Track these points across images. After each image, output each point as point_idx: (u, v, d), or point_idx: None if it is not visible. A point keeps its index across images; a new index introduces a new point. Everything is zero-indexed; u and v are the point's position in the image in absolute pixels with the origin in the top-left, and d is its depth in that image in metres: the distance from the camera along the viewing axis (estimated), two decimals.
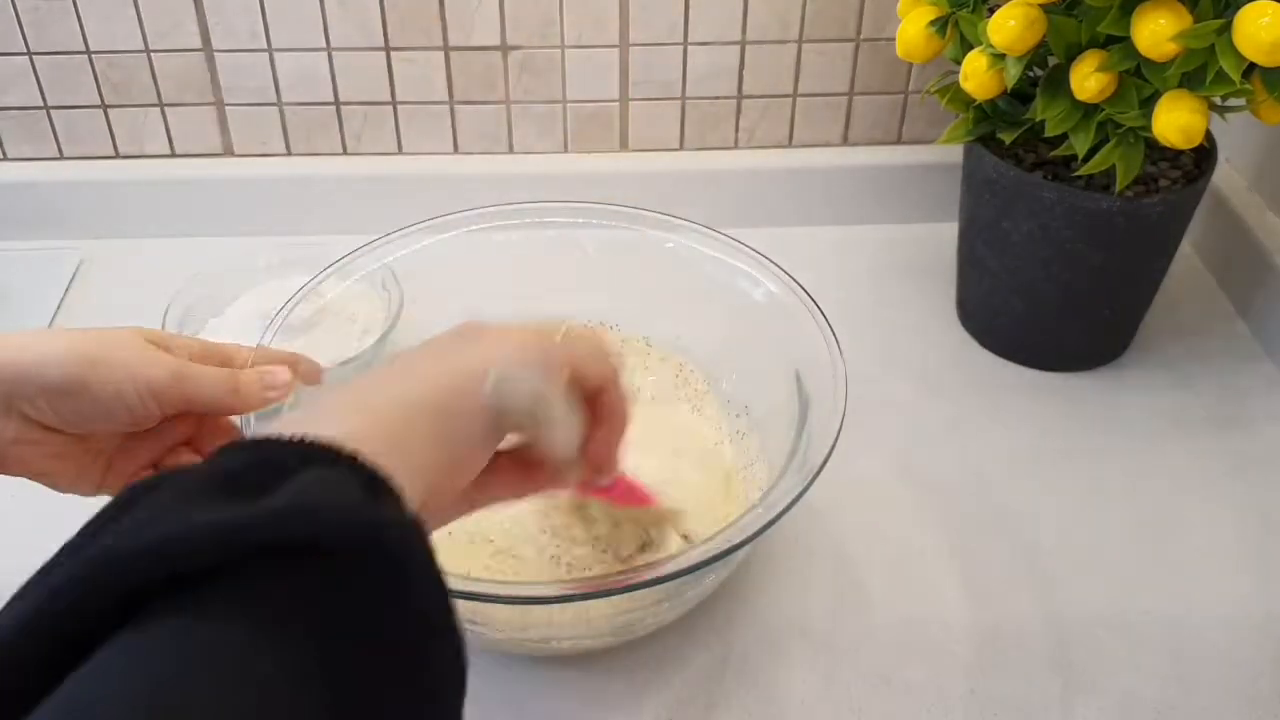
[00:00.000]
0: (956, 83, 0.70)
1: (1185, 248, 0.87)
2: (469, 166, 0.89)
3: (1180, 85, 0.62)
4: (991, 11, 0.66)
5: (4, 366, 0.44)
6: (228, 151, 0.89)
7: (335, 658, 0.28)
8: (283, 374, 0.52)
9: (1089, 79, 0.64)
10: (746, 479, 0.65)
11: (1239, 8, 0.58)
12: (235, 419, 0.53)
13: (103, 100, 0.86)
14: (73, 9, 0.82)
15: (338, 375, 0.67)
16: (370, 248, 0.67)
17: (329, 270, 0.66)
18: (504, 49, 0.85)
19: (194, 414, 0.51)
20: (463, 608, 0.54)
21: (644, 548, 0.60)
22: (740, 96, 0.88)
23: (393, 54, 0.84)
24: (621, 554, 0.60)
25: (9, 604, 0.28)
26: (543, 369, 0.42)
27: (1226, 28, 0.58)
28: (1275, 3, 0.57)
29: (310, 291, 0.65)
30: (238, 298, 0.77)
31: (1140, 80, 0.64)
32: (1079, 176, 0.70)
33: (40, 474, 0.48)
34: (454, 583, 0.49)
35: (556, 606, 0.55)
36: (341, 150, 0.89)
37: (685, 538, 0.60)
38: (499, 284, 0.71)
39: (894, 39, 0.72)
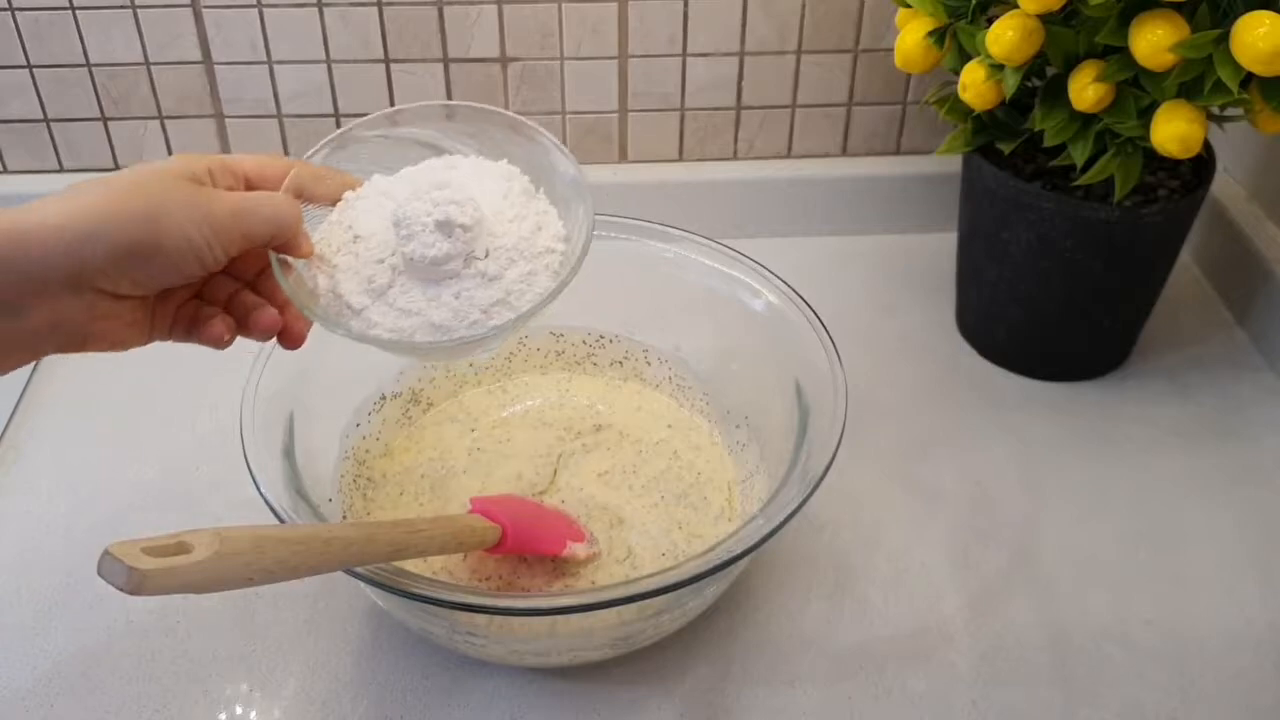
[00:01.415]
0: (955, 93, 0.70)
1: (1184, 257, 0.87)
2: None
3: (1178, 95, 0.62)
4: (989, 22, 0.66)
5: (67, 244, 0.42)
6: None
7: None
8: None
9: (1087, 89, 0.64)
10: (746, 490, 0.65)
11: (1236, 18, 0.58)
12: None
13: (102, 113, 0.86)
14: (73, 22, 0.82)
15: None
16: None
17: None
18: (503, 60, 0.85)
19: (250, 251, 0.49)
20: (461, 620, 0.54)
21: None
22: (739, 107, 0.88)
23: (392, 66, 0.85)
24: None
25: None
26: None
27: (1224, 38, 0.58)
28: (1273, 12, 0.57)
29: None
30: None
31: (1138, 90, 0.64)
32: (1078, 186, 0.70)
33: (115, 344, 0.47)
34: (453, 595, 0.49)
35: (558, 618, 0.55)
36: None
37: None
38: None
39: (892, 50, 0.72)
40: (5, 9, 0.81)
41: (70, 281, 0.43)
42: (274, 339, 0.51)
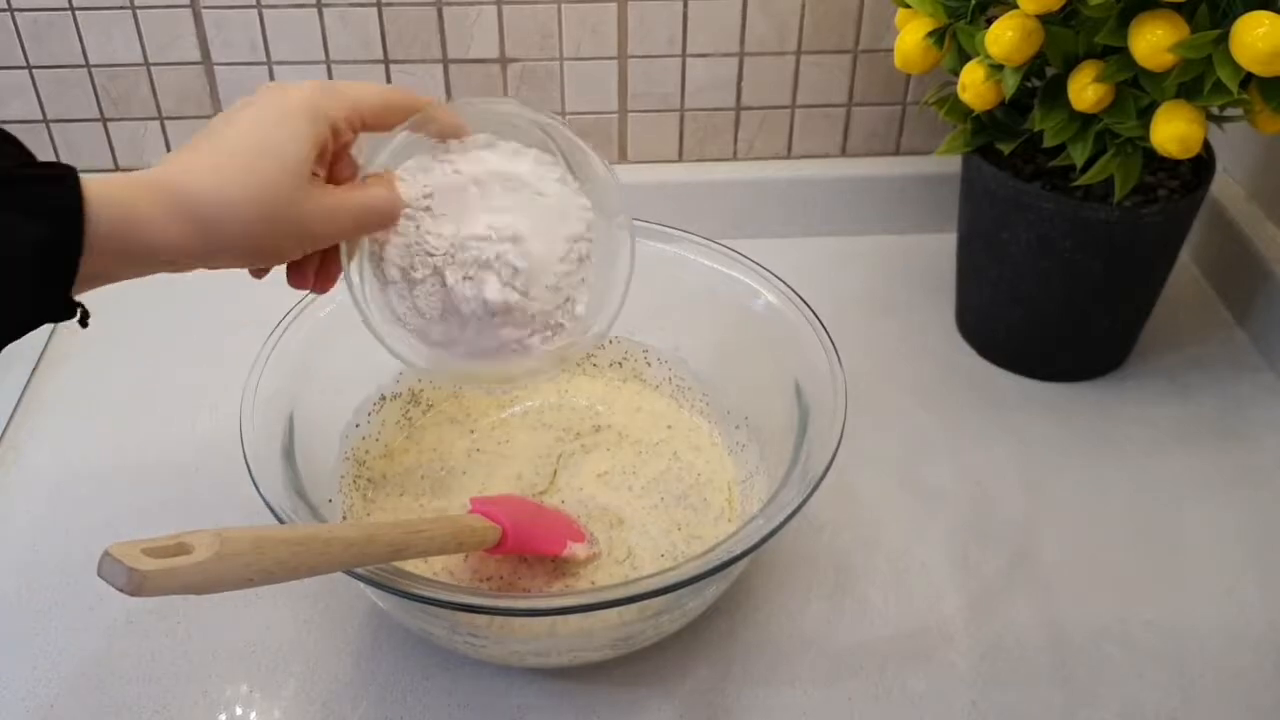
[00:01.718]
0: (954, 94, 0.70)
1: (1184, 258, 0.87)
2: None
3: (1178, 95, 0.62)
4: (989, 23, 0.66)
5: (195, 251, 0.45)
6: None
7: None
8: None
9: (1087, 89, 0.64)
10: (746, 490, 0.65)
11: (1236, 18, 0.58)
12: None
13: (102, 113, 0.86)
14: (72, 22, 0.82)
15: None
16: None
17: None
18: (503, 61, 0.85)
19: None
20: (461, 620, 0.54)
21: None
22: (739, 108, 0.88)
23: (392, 66, 0.85)
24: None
25: None
26: None
27: (1224, 38, 0.58)
28: (1272, 13, 0.57)
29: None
30: None
31: (1138, 90, 0.64)
32: (1077, 187, 0.70)
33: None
34: (453, 595, 0.49)
35: (558, 619, 0.55)
36: None
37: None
38: None
39: (892, 50, 0.72)
40: (5, 9, 0.81)
41: (195, 265, 0.47)
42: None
